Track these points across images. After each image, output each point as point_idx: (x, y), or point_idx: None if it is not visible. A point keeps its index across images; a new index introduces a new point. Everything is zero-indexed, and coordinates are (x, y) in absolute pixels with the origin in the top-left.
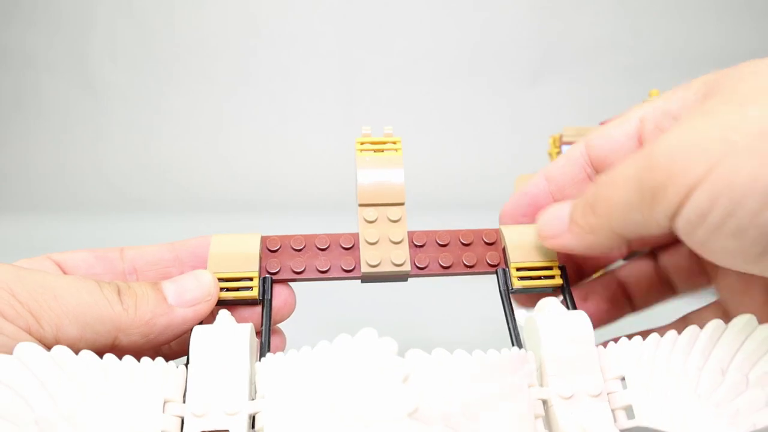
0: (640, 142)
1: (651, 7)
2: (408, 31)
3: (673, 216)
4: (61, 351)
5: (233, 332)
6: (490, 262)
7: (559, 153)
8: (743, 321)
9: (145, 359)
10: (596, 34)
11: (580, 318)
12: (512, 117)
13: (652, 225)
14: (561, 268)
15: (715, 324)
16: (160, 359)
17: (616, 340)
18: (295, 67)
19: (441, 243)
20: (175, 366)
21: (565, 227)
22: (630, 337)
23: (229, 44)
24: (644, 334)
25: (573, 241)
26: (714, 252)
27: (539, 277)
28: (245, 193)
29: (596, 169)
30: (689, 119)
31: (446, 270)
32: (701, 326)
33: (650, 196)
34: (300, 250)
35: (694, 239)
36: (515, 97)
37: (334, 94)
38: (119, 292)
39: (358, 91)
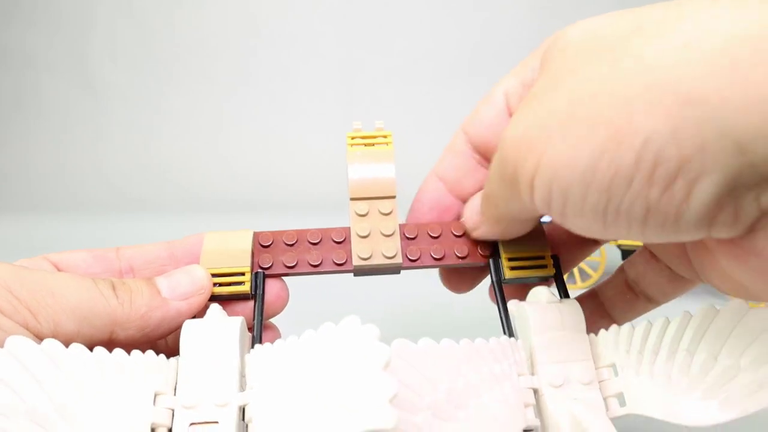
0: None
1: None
2: (408, 31)
3: (532, 202)
4: (51, 344)
5: (223, 325)
6: (482, 253)
7: None
8: (735, 306)
9: (136, 352)
10: None
11: (572, 306)
12: None
13: (531, 209)
14: (554, 257)
15: (706, 309)
16: (150, 352)
17: (607, 327)
18: (295, 67)
19: (433, 235)
20: (166, 359)
21: (480, 218)
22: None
23: (229, 44)
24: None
25: (488, 231)
26: (573, 229)
27: (531, 267)
28: (245, 193)
29: (482, 154)
30: (521, 106)
31: (438, 261)
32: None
33: (511, 188)
34: (292, 245)
35: (554, 219)
36: None
37: (334, 94)
38: (114, 288)
39: (358, 91)
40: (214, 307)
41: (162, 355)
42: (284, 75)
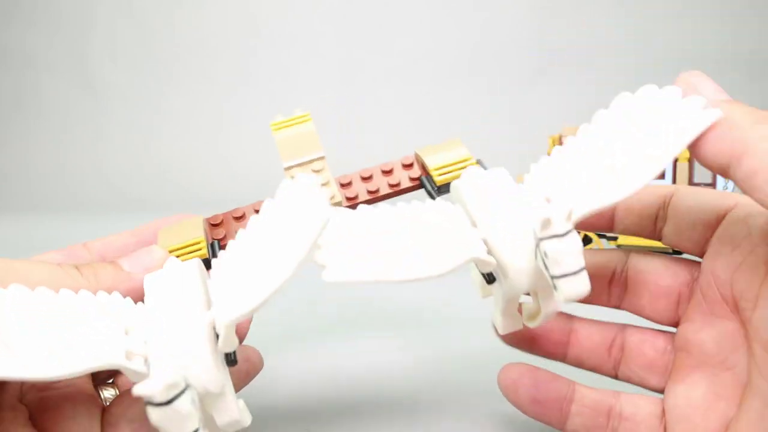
0: None
1: (651, 7)
2: (408, 31)
3: None
4: (17, 287)
5: (182, 266)
6: (412, 177)
7: None
8: (622, 97)
9: (102, 292)
10: (596, 34)
11: (498, 170)
12: (511, 117)
13: None
14: (478, 161)
15: (600, 114)
16: (116, 293)
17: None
18: (295, 67)
19: (364, 176)
20: (133, 302)
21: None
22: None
23: (229, 44)
24: None
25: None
26: None
27: (458, 170)
28: (245, 193)
29: None
30: None
31: (374, 194)
32: None
33: None
34: (240, 218)
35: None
36: (515, 97)
37: (334, 94)
38: (78, 267)
39: (358, 91)
40: (171, 258)
41: (129, 297)
42: (284, 75)
